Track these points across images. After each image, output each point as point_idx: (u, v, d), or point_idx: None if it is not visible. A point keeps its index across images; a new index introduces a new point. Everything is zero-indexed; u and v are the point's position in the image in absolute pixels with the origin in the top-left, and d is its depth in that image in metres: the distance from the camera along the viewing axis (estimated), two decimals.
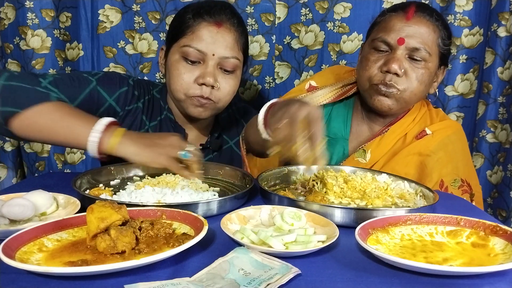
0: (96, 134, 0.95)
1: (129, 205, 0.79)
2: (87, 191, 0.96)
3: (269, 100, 1.76)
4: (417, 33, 1.16)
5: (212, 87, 1.18)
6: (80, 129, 0.97)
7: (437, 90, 1.31)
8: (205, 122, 1.34)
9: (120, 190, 0.97)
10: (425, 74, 1.18)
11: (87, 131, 0.95)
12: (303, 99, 0.98)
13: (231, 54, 1.20)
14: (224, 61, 1.19)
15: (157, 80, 1.70)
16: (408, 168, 1.21)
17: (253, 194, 1.00)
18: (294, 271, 0.62)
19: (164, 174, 1.08)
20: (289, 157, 0.86)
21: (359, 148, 1.29)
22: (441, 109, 1.39)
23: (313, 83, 1.38)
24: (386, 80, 1.17)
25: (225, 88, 1.21)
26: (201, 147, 1.33)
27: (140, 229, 0.71)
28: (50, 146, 1.75)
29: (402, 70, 1.16)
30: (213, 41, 1.18)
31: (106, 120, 0.98)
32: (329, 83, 1.37)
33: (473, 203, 1.22)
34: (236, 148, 1.41)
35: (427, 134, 1.24)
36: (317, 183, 1.01)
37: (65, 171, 1.78)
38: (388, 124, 1.29)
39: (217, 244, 0.73)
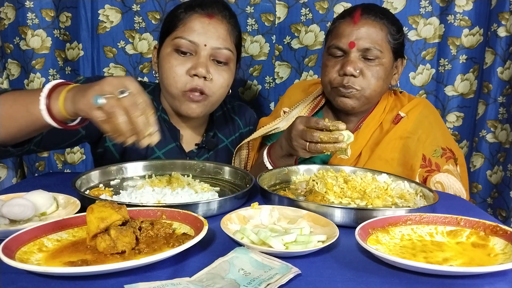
0: (43, 100, 0.84)
1: (129, 205, 0.79)
2: (87, 191, 0.96)
3: (268, 100, 1.78)
4: (365, 34, 1.23)
5: (205, 78, 1.17)
6: (31, 105, 0.85)
7: (398, 82, 1.37)
8: (199, 120, 1.33)
9: (120, 190, 0.96)
10: (380, 71, 1.25)
11: (37, 102, 0.84)
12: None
13: (224, 45, 1.19)
14: (217, 52, 1.19)
15: (157, 80, 1.70)
16: (393, 153, 1.26)
17: (253, 194, 1.00)
18: (294, 271, 0.62)
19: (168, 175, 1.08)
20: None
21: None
22: (405, 91, 1.44)
23: (286, 109, 1.45)
24: (344, 82, 1.24)
25: (218, 80, 1.20)
26: (196, 147, 1.33)
27: (140, 229, 0.71)
28: None
29: (358, 71, 1.23)
30: (204, 31, 1.18)
31: (51, 83, 0.87)
32: (299, 99, 1.44)
33: (457, 167, 1.28)
34: (231, 147, 1.40)
35: (402, 117, 1.31)
36: (317, 183, 1.01)
37: (65, 171, 1.79)
38: (362, 119, 1.34)
39: (217, 244, 0.73)
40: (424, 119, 1.30)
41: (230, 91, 1.31)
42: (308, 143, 1.06)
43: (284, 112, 1.44)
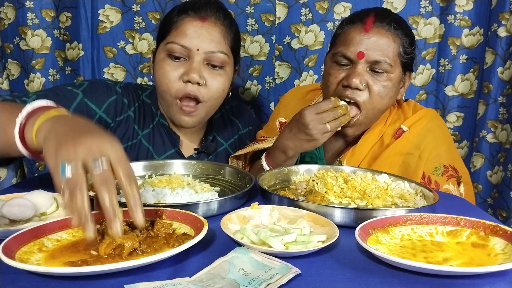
0: (19, 121, 0.74)
1: None
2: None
3: (268, 100, 1.78)
4: (377, 45, 1.12)
5: (198, 84, 1.14)
6: (10, 125, 0.75)
7: (403, 96, 1.29)
8: (197, 125, 1.30)
9: (120, 190, 0.96)
10: (388, 87, 1.16)
11: (13, 124, 0.74)
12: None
13: (217, 48, 1.15)
14: (211, 56, 1.15)
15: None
16: (392, 169, 1.18)
17: (253, 194, 1.00)
18: (294, 271, 0.62)
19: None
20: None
21: (336, 161, 1.27)
22: (411, 99, 1.35)
23: (282, 120, 1.38)
24: (347, 94, 1.15)
25: (213, 85, 1.16)
26: (196, 152, 1.31)
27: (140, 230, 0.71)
28: None
29: (364, 85, 1.14)
30: (197, 35, 1.14)
31: (32, 104, 0.76)
32: (296, 109, 1.33)
33: (461, 185, 1.21)
34: (231, 150, 1.38)
35: (404, 131, 1.22)
36: (317, 183, 1.01)
37: None
38: (361, 132, 1.26)
39: (217, 244, 0.73)
40: (428, 133, 1.21)
41: (230, 94, 1.29)
42: (328, 124, 1.08)
43: (280, 122, 1.39)
